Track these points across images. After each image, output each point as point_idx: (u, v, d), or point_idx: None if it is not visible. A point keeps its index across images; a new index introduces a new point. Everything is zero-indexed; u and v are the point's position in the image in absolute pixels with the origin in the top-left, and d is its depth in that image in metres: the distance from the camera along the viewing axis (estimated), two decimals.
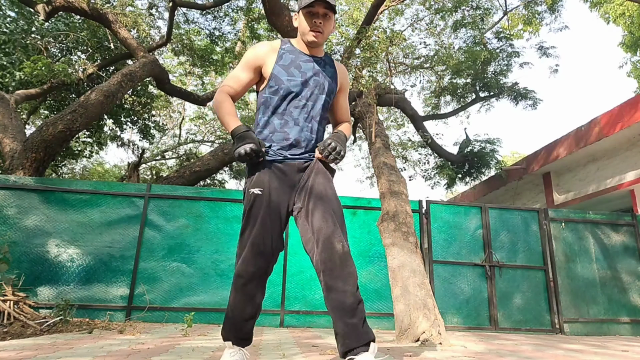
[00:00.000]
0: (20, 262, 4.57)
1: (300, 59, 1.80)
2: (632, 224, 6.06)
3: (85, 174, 16.26)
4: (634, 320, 5.66)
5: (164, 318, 4.71)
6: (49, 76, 7.11)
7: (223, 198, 5.32)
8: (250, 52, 1.82)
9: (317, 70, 1.80)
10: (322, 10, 1.73)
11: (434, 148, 10.00)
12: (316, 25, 1.73)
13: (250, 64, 1.80)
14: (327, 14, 1.74)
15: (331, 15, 1.76)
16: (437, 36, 10.23)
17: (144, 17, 10.09)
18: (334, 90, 1.86)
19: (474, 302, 5.39)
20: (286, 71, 1.76)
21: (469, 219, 5.73)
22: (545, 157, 8.82)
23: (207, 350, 2.47)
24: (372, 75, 7.05)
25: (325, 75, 1.82)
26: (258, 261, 1.60)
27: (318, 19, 1.73)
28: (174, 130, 15.72)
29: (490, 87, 9.54)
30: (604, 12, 13.41)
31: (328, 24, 1.77)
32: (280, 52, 1.79)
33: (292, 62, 1.78)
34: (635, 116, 6.66)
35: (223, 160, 8.51)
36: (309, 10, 1.73)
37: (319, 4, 1.70)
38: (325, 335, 3.80)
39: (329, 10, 1.73)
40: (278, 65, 1.76)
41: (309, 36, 1.75)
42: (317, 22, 1.73)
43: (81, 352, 2.23)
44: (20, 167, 5.56)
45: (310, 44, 1.78)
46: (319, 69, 1.81)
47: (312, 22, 1.73)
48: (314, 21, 1.73)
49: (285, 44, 1.83)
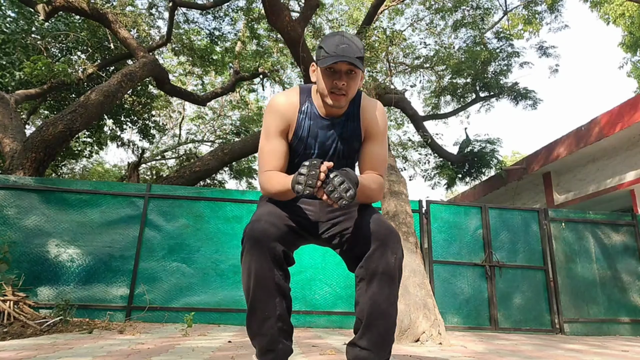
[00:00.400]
0: (20, 262, 4.57)
1: (319, 125, 1.53)
2: (632, 224, 6.06)
3: (85, 174, 16.26)
4: (634, 320, 5.66)
5: (164, 318, 4.70)
6: (48, 76, 7.11)
7: (223, 198, 5.32)
8: (272, 118, 1.53)
9: (336, 136, 1.53)
10: (346, 67, 1.41)
11: (434, 148, 10.01)
12: (337, 87, 1.41)
13: (280, 129, 1.53)
14: (353, 71, 1.42)
15: (357, 72, 1.43)
16: (437, 36, 10.24)
17: (144, 17, 10.10)
18: (356, 149, 1.59)
19: (474, 302, 5.39)
20: (303, 143, 1.53)
21: (469, 219, 5.73)
22: (545, 157, 8.82)
23: (207, 350, 2.47)
24: (372, 75, 7.06)
25: (345, 139, 1.54)
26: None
27: (340, 80, 1.40)
28: (174, 130, 15.72)
29: (490, 87, 9.54)
30: (604, 12, 13.41)
31: (353, 83, 1.44)
32: (300, 118, 1.53)
33: (310, 131, 1.53)
34: (635, 116, 6.66)
35: (223, 160, 8.52)
36: (328, 69, 1.42)
37: (341, 61, 1.38)
38: (325, 335, 3.80)
39: (355, 67, 1.40)
40: (296, 137, 1.53)
41: (327, 99, 1.45)
42: (338, 84, 1.41)
43: (81, 352, 2.23)
44: (20, 167, 5.56)
45: (330, 107, 1.49)
46: (339, 134, 1.54)
47: (332, 82, 1.42)
48: (334, 82, 1.41)
49: (305, 101, 1.55)
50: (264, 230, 1.34)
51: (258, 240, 1.33)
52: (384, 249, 1.36)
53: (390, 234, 1.40)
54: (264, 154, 1.53)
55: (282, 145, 1.53)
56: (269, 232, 1.35)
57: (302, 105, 1.54)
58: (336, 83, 1.41)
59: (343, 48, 1.38)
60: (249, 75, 11.07)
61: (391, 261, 1.36)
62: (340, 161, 1.56)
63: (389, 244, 1.37)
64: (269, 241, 1.34)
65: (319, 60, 1.42)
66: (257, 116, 14.23)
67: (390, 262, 1.36)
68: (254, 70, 10.97)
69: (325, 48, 1.41)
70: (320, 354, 2.43)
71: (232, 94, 13.04)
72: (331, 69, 1.41)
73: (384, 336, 1.37)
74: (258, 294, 1.34)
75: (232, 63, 11.19)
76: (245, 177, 14.39)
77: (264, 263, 1.33)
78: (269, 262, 1.33)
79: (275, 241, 1.35)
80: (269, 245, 1.34)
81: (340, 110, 1.51)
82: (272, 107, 1.54)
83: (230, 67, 11.43)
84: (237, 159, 9.14)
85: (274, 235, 1.35)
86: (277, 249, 1.35)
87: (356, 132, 1.55)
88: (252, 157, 13.90)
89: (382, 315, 1.36)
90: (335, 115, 1.52)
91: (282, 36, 6.37)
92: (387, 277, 1.36)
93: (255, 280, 1.33)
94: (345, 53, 1.37)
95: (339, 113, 1.52)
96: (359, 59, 1.39)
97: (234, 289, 4.90)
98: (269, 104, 1.57)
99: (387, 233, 1.39)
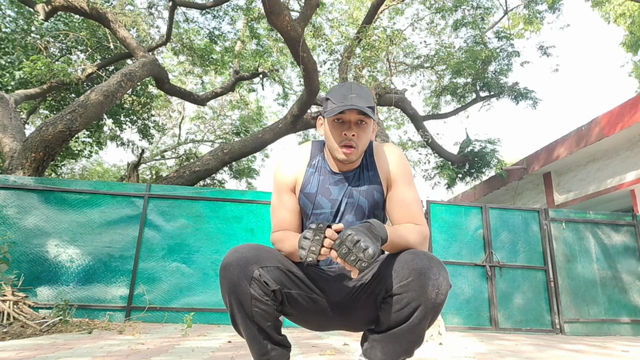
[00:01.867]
0: (20, 262, 4.56)
1: (330, 181, 1.39)
2: (633, 224, 6.05)
3: (84, 173, 16.26)
4: (634, 321, 5.65)
5: (163, 318, 4.70)
6: (48, 76, 7.11)
7: (223, 198, 5.31)
8: (280, 173, 1.43)
9: (350, 191, 1.38)
10: (355, 118, 1.28)
11: (434, 148, 10.00)
12: (347, 138, 1.28)
13: (288, 187, 1.42)
14: (363, 121, 1.29)
15: (368, 122, 1.31)
16: (437, 35, 10.23)
17: (144, 16, 10.10)
18: (378, 200, 1.39)
19: (475, 302, 5.38)
20: (311, 202, 1.39)
21: (470, 219, 5.72)
22: (545, 157, 8.81)
23: (207, 350, 2.46)
24: (372, 75, 7.05)
25: (364, 192, 1.38)
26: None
27: (350, 131, 1.28)
28: (174, 130, 15.72)
29: (491, 87, 9.54)
30: (604, 12, 13.40)
31: (364, 134, 1.31)
32: (309, 172, 1.40)
33: (319, 187, 1.39)
34: (636, 116, 6.65)
35: (223, 160, 8.51)
36: (336, 120, 1.30)
37: (350, 111, 1.26)
38: (325, 336, 3.79)
39: (366, 117, 1.28)
40: (303, 194, 1.40)
41: (338, 153, 1.31)
42: (348, 135, 1.28)
43: (81, 352, 2.22)
44: (19, 167, 5.55)
45: (341, 163, 1.36)
46: (353, 189, 1.38)
47: (341, 134, 1.29)
48: (344, 134, 1.28)
49: (316, 156, 1.43)
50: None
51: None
52: (424, 280, 1.11)
53: (431, 261, 1.13)
54: (274, 212, 1.43)
55: (294, 202, 1.41)
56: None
57: (312, 159, 1.42)
58: (345, 134, 1.28)
59: (352, 98, 1.27)
60: (249, 74, 11.07)
61: (432, 295, 1.10)
62: (361, 220, 1.38)
63: (429, 276, 1.11)
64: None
65: (325, 112, 1.30)
66: (257, 116, 14.23)
67: (431, 296, 1.10)
68: (254, 69, 10.96)
69: (332, 99, 1.30)
70: (320, 354, 2.42)
71: (231, 94, 13.03)
72: (339, 120, 1.29)
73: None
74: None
75: (231, 63, 11.18)
76: (245, 177, 14.39)
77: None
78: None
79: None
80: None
81: (353, 165, 1.38)
82: (282, 160, 1.44)
83: (230, 67, 11.42)
84: (237, 158, 9.14)
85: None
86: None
87: (375, 180, 1.38)
88: (252, 157, 13.91)
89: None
90: (348, 170, 1.39)
91: (282, 36, 6.36)
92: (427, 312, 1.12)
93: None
94: (354, 103, 1.25)
95: (351, 168, 1.39)
96: (370, 108, 1.27)
97: None
98: (279, 158, 1.48)
99: (427, 262, 1.13)
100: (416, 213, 1.33)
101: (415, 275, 1.11)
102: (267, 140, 8.82)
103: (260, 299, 1.20)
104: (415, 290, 1.11)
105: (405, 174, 1.39)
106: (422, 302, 1.10)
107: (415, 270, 1.12)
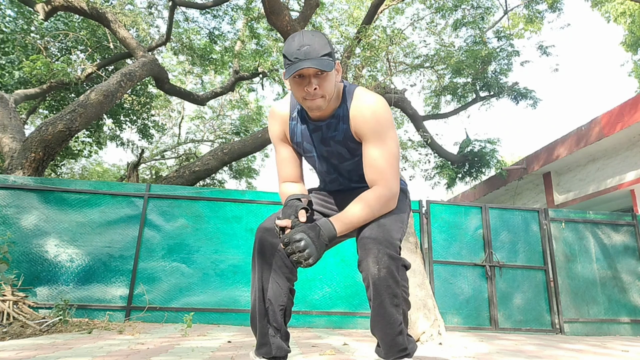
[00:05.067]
0: (20, 262, 4.56)
1: (310, 129, 1.49)
2: (633, 224, 6.05)
3: (84, 173, 16.25)
4: (634, 320, 5.65)
5: (163, 318, 4.70)
6: (48, 76, 7.11)
7: (223, 198, 5.31)
8: (271, 127, 1.58)
9: (326, 138, 1.48)
10: (312, 71, 1.29)
11: (434, 148, 10.00)
12: (309, 93, 1.32)
13: (280, 139, 1.57)
14: (321, 72, 1.31)
15: (327, 72, 1.32)
16: (437, 35, 10.22)
17: (143, 16, 10.09)
18: (355, 147, 1.47)
19: (474, 302, 5.38)
20: (301, 148, 1.55)
21: (469, 219, 5.72)
22: (545, 157, 8.82)
23: (207, 350, 2.46)
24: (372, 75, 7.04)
25: (339, 141, 1.47)
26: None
27: (310, 86, 1.30)
28: (174, 129, 15.71)
29: (491, 87, 9.54)
30: (604, 11, 13.40)
31: (325, 82, 1.33)
32: (292, 125, 1.52)
33: (303, 136, 1.52)
34: (636, 116, 6.65)
35: (223, 160, 8.51)
36: (295, 77, 1.33)
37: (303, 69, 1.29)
38: (325, 335, 3.79)
39: (321, 69, 1.30)
40: (294, 143, 1.55)
41: (305, 107, 1.39)
42: (309, 90, 1.31)
43: (80, 352, 2.22)
44: (19, 166, 5.55)
45: (312, 112, 1.41)
46: (332, 136, 1.47)
47: (303, 89, 1.33)
48: (305, 89, 1.32)
49: (295, 108, 1.52)
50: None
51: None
52: (368, 257, 1.32)
53: (374, 241, 1.32)
54: (277, 163, 1.59)
55: (289, 152, 1.57)
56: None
57: (292, 112, 1.52)
58: (307, 90, 1.31)
59: (305, 51, 1.27)
60: (249, 74, 11.07)
61: (374, 271, 1.29)
62: (346, 162, 1.52)
63: (372, 252, 1.32)
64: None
65: (285, 77, 1.32)
66: (257, 116, 14.22)
67: (373, 272, 1.30)
68: (254, 69, 10.96)
69: (287, 55, 1.29)
70: (320, 354, 2.42)
71: (231, 94, 13.03)
72: (299, 76, 1.31)
73: (390, 344, 1.37)
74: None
75: (231, 62, 11.18)
76: (245, 177, 14.39)
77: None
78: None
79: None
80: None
81: (324, 112, 1.43)
82: (270, 116, 1.58)
83: (230, 67, 11.41)
84: (237, 158, 9.13)
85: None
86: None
87: (347, 134, 1.45)
88: (252, 157, 13.90)
89: (382, 329, 1.37)
90: (322, 117, 1.45)
91: (282, 35, 6.36)
92: (377, 289, 1.31)
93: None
94: (307, 56, 1.26)
95: (324, 115, 1.45)
96: (326, 55, 1.29)
97: (233, 289, 4.89)
98: (269, 113, 1.60)
99: (372, 240, 1.33)
100: (382, 174, 1.39)
101: (364, 254, 1.33)
102: (267, 140, 8.82)
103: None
104: (365, 270, 1.32)
105: (373, 131, 1.40)
106: (370, 278, 1.30)
107: (364, 250, 1.34)
